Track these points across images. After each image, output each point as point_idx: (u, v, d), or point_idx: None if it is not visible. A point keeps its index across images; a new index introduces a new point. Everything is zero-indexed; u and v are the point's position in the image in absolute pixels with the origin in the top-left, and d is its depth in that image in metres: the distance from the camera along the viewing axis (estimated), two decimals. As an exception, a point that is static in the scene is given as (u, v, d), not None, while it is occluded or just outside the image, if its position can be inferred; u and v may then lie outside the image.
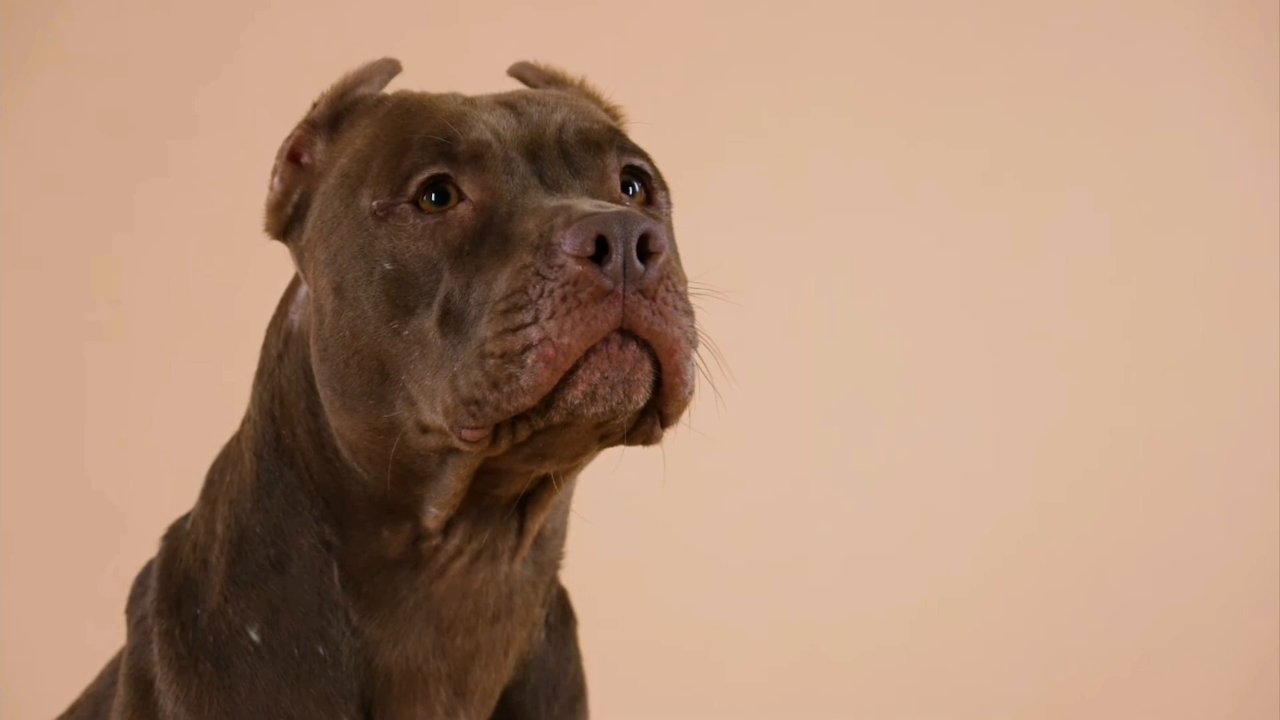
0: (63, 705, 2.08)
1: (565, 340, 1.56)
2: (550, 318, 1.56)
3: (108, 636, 2.13)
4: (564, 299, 1.56)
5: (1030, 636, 3.64)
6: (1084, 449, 3.69)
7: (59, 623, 3.46)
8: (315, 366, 1.76)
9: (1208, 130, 3.72)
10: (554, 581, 1.91)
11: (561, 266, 1.57)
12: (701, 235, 1.96)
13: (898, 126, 3.71)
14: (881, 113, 3.72)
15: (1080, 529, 3.67)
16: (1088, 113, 3.71)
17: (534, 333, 1.56)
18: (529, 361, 1.56)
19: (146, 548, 1.97)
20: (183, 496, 2.02)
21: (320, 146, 1.81)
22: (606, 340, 1.57)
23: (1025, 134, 3.71)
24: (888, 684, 3.60)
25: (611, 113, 1.91)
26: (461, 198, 1.68)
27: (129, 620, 1.91)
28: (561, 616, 1.96)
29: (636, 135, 1.85)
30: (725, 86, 3.70)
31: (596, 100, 1.92)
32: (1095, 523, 3.67)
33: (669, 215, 1.81)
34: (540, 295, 1.57)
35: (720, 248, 2.15)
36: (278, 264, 1.97)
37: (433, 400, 1.64)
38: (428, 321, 1.64)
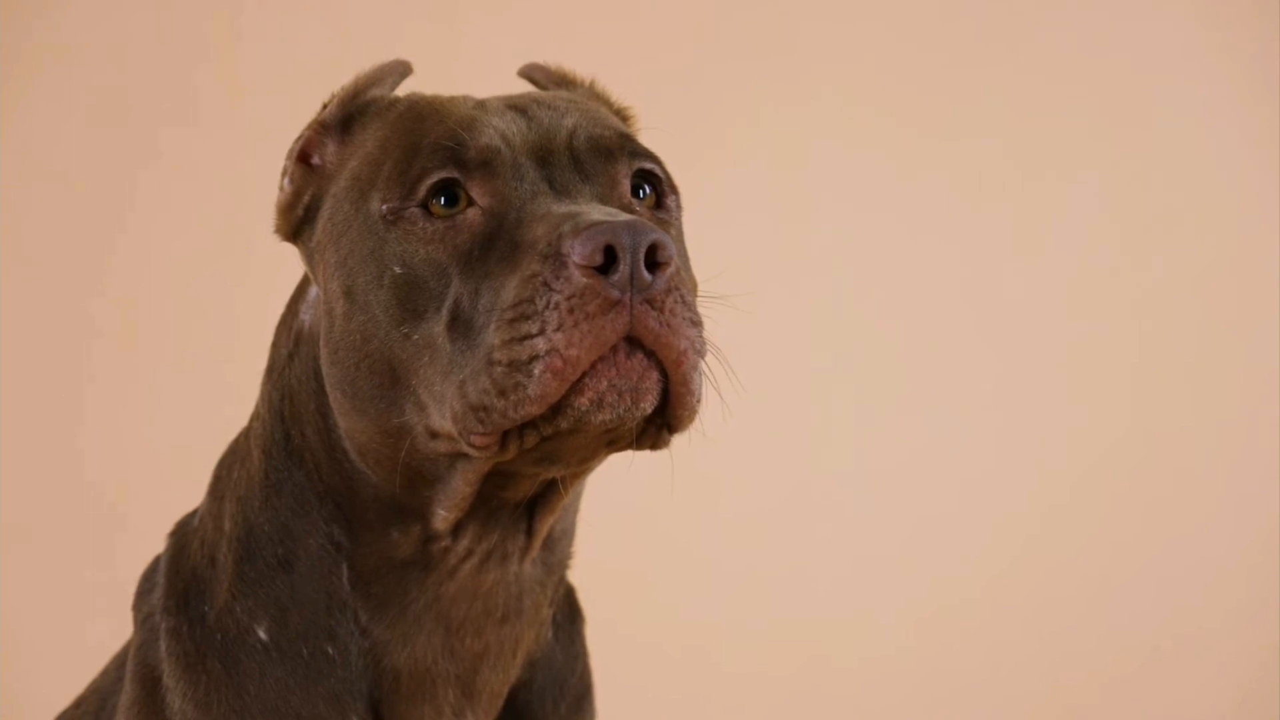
0: (62, 705, 2.07)
1: (573, 352, 1.56)
2: (557, 330, 1.56)
3: (108, 634, 2.13)
4: (571, 311, 1.56)
5: (1034, 639, 3.64)
6: (1088, 450, 3.68)
7: (59, 623, 3.46)
8: (325, 370, 1.76)
9: (1215, 125, 3.71)
10: (561, 581, 1.91)
11: (569, 278, 1.57)
12: (701, 231, 1.96)
13: (901, 119, 3.71)
14: (884, 105, 3.71)
15: (1084, 530, 3.67)
16: (1094, 106, 3.70)
17: (541, 344, 1.57)
18: (536, 372, 1.57)
19: (146, 547, 1.97)
20: (183, 495, 2.02)
21: (331, 148, 1.81)
22: (614, 349, 1.58)
23: (1030, 127, 3.71)
24: (892, 686, 3.61)
25: (621, 114, 1.91)
26: (471, 203, 1.68)
27: (136, 616, 1.91)
28: (568, 614, 1.96)
29: (645, 138, 1.85)
30: (726, 78, 3.69)
31: (606, 101, 1.92)
32: (1099, 524, 3.67)
33: (679, 219, 1.82)
34: (547, 306, 1.57)
35: (720, 242, 2.15)
36: (279, 261, 1.98)
37: (441, 405, 1.64)
38: (437, 326, 1.64)
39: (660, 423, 1.64)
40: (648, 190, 1.78)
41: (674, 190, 1.81)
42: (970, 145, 3.71)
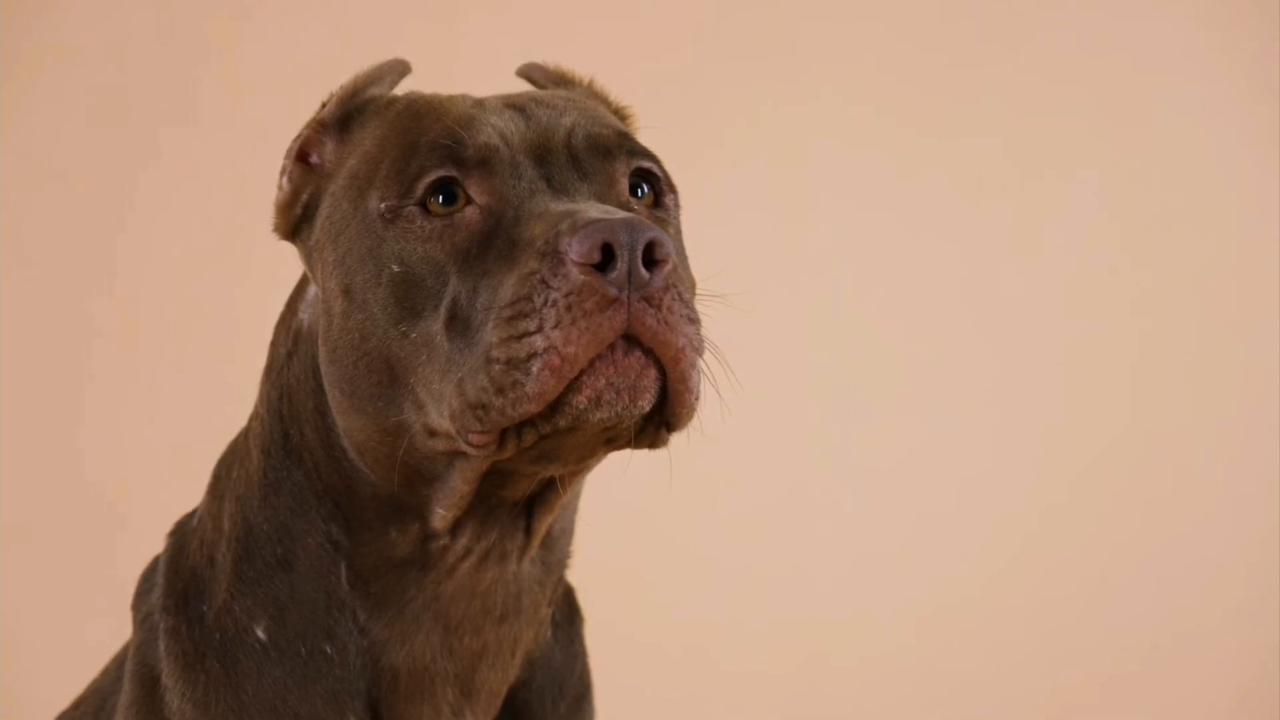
0: (62, 705, 2.07)
1: (571, 349, 1.56)
2: (555, 327, 1.56)
3: (108, 634, 2.13)
4: (569, 308, 1.56)
5: (1034, 639, 3.64)
6: (1088, 449, 3.68)
7: (59, 623, 3.46)
8: (324, 368, 1.76)
9: (1215, 125, 3.71)
10: (560, 580, 1.91)
11: (566, 276, 1.57)
12: (700, 230, 1.97)
13: (901, 119, 3.71)
14: (884, 105, 3.71)
15: (1083, 530, 3.67)
16: (1094, 106, 3.70)
17: (539, 341, 1.57)
18: (534, 369, 1.57)
19: (146, 547, 1.97)
20: (183, 495, 2.02)
21: (330, 147, 1.82)
22: (612, 347, 1.58)
23: (1030, 127, 3.70)
24: (891, 686, 3.61)
25: (620, 113, 1.92)
26: (469, 201, 1.68)
27: (135, 616, 1.91)
28: (568, 614, 1.96)
29: (644, 138, 1.85)
30: (726, 78, 3.69)
31: (604, 101, 1.92)
32: (1098, 524, 3.67)
33: (677, 218, 1.82)
34: (545, 304, 1.57)
35: (719, 242, 2.15)
36: (279, 261, 1.98)
37: (440, 404, 1.64)
38: (435, 325, 1.64)
39: (659, 421, 1.64)
40: (646, 189, 1.78)
41: (672, 189, 1.81)
42: (970, 145, 3.71)
